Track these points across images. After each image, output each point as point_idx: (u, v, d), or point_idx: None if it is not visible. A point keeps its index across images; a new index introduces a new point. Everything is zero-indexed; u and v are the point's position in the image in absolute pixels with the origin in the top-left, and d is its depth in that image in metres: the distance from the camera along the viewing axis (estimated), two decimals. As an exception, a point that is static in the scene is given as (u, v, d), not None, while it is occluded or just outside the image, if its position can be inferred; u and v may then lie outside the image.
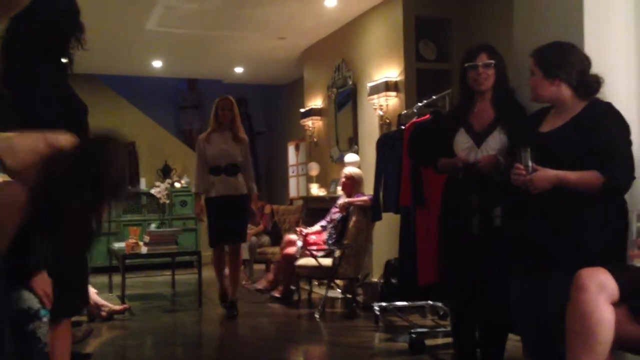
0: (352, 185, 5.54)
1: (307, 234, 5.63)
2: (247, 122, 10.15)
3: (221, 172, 5.12)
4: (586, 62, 2.58)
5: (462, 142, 3.05)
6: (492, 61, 3.02)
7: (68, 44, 2.26)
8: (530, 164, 2.49)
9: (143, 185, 8.87)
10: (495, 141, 2.98)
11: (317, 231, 5.70)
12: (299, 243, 5.55)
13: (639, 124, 2.65)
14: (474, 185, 2.98)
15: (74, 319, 3.57)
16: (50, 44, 2.20)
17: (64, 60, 2.29)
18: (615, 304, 2.07)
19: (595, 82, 2.56)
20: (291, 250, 5.73)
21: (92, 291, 4.96)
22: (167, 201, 8.64)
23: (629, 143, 2.47)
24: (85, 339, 4.32)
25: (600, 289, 2.06)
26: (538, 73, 2.60)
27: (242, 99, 9.91)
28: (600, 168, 2.41)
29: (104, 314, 5.01)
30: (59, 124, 2.13)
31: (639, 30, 2.93)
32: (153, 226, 7.20)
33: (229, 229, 5.12)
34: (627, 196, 2.51)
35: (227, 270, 5.33)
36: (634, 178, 2.46)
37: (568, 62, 2.55)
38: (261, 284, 6.37)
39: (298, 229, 5.75)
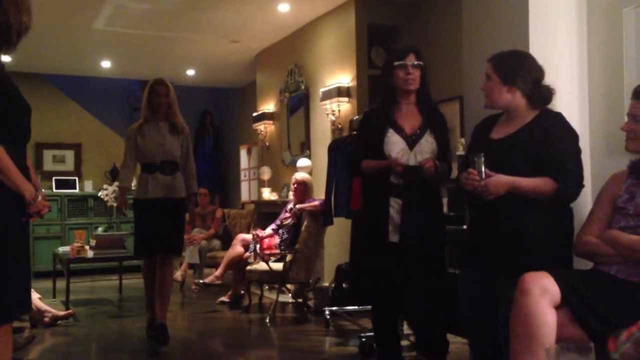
0: (304, 190, 5.55)
1: (262, 238, 5.60)
2: (214, 137, 9.81)
3: (156, 170, 4.34)
4: (541, 71, 2.62)
5: (395, 143, 3.04)
6: (421, 62, 3.06)
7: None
8: (483, 169, 2.52)
9: (90, 187, 8.67)
10: (428, 145, 3.03)
11: (269, 234, 5.68)
12: (253, 247, 5.50)
13: (580, 136, 2.73)
14: (415, 189, 3.01)
15: (15, 324, 3.46)
16: None
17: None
18: (557, 307, 2.14)
19: (548, 92, 2.61)
20: (240, 251, 5.70)
21: (35, 296, 4.81)
22: (115, 204, 8.45)
23: (579, 152, 2.54)
24: (28, 345, 4.19)
25: (542, 292, 2.12)
26: (495, 78, 2.61)
27: (207, 111, 9.67)
28: (551, 175, 2.46)
29: (47, 319, 4.86)
30: None
31: (582, 42, 3.05)
32: (100, 230, 7.02)
33: (161, 238, 4.30)
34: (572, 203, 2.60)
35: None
36: (583, 186, 2.53)
37: (525, 69, 2.59)
38: (209, 279, 6.23)
39: (254, 232, 5.69)
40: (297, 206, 5.46)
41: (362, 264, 3.21)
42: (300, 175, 5.67)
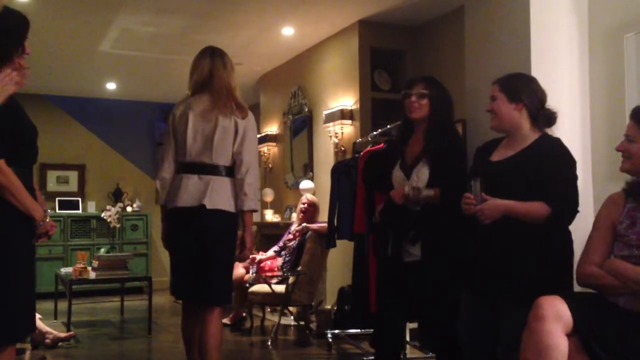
0: (314, 211, 5.58)
1: (260, 261, 5.59)
2: None
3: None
4: (544, 94, 2.68)
5: (397, 176, 3.15)
6: (426, 91, 3.06)
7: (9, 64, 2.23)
8: (480, 193, 2.54)
9: (93, 208, 8.68)
10: (420, 174, 3.04)
11: (270, 256, 5.67)
12: (252, 269, 5.50)
13: (582, 160, 2.75)
14: (390, 217, 3.10)
15: (18, 346, 3.45)
16: None
17: None
18: (568, 334, 2.12)
19: (552, 115, 2.65)
20: (242, 273, 5.68)
21: (37, 317, 4.80)
22: (118, 225, 8.44)
23: (575, 178, 2.56)
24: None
25: (557, 319, 2.09)
26: (502, 97, 2.65)
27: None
28: (546, 199, 2.48)
29: (48, 341, 4.84)
30: (6, 147, 2.09)
31: (584, 67, 3.08)
32: (102, 251, 7.01)
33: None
34: (571, 227, 2.60)
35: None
36: (577, 211, 2.54)
37: (531, 88, 2.65)
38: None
39: (251, 256, 5.69)
40: (304, 224, 5.46)
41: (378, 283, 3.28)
42: (310, 197, 5.70)
